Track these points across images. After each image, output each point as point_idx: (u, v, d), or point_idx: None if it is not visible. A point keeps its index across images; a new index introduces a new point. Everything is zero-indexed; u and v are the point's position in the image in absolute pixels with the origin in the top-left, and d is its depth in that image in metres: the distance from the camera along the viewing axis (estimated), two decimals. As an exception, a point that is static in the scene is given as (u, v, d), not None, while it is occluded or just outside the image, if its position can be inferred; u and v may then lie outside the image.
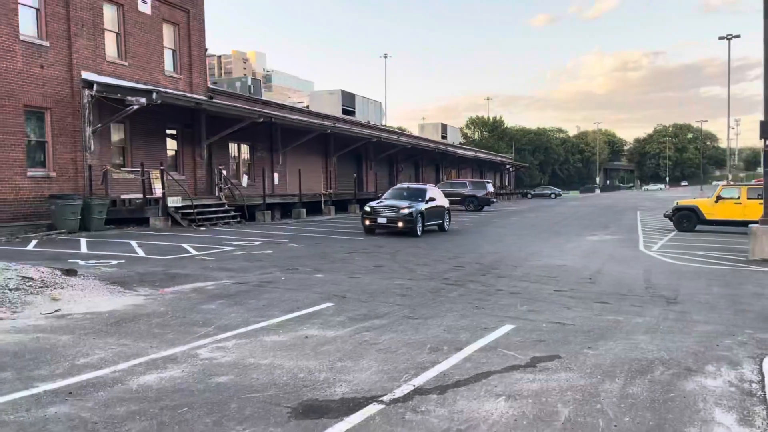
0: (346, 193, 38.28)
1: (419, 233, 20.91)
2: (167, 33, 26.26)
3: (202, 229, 21.98)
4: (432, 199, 22.54)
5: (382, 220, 20.54)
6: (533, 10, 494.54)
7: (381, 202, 21.86)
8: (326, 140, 37.50)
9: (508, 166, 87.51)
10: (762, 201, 16.94)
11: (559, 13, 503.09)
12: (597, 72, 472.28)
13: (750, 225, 16.01)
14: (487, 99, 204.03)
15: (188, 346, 6.74)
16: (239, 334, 7.32)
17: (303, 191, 31.95)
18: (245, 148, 31.20)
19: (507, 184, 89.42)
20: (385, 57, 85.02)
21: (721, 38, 55.20)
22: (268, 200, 28.64)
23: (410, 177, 52.12)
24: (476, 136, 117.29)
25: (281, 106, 37.45)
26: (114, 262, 13.18)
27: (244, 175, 30.53)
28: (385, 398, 5.19)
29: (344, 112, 45.45)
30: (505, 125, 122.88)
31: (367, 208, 21.18)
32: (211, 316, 8.21)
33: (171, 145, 26.19)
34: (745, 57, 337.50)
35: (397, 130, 62.58)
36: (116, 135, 23.39)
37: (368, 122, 48.64)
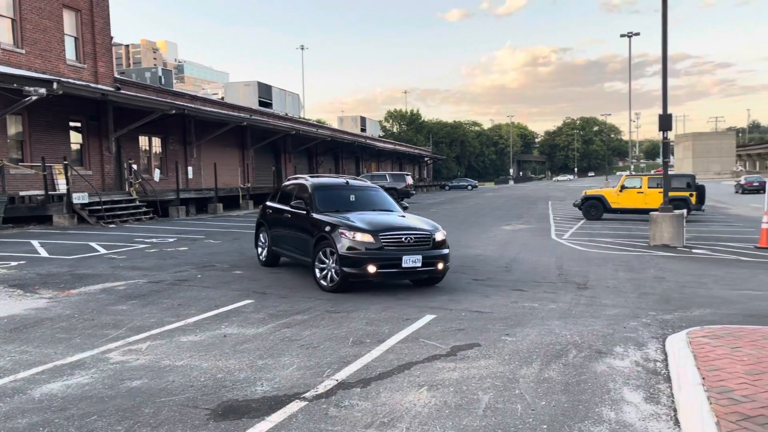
0: (264, 186, 37.61)
1: None
2: (68, 19, 24.77)
3: (112, 226, 20.96)
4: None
5: (412, 264, 9.30)
6: (447, 4, 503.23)
7: (349, 221, 9.68)
8: (243, 133, 36.66)
9: (426, 159, 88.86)
10: (661, 190, 18.01)
11: (472, 8, 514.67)
12: (509, 67, 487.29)
13: (651, 212, 16.99)
14: (405, 92, 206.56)
15: (97, 350, 6.38)
16: (153, 335, 7.01)
17: (219, 185, 31.12)
18: (157, 141, 29.98)
19: (425, 176, 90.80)
20: (302, 49, 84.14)
21: (622, 36, 58.16)
22: (183, 195, 27.70)
23: (330, 170, 51.89)
24: (395, 129, 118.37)
25: (195, 98, 36.25)
26: (13, 263, 12.32)
27: (156, 170, 29.35)
28: (307, 395, 5.11)
29: (261, 104, 44.60)
30: (423, 118, 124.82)
31: (364, 237, 9.25)
32: (123, 318, 7.82)
33: (75, 138, 24.76)
34: (645, 54, 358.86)
35: (315, 123, 62.12)
36: (13, 128, 21.86)
37: (286, 114, 47.96)
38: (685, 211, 19.08)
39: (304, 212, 10.56)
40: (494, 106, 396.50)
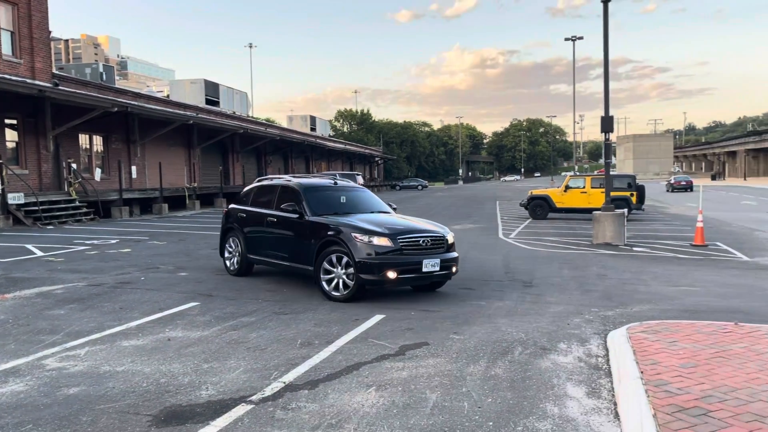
0: (211, 186, 36.94)
1: None
2: (4, 12, 23.71)
3: (50, 227, 20.18)
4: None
5: (431, 268, 8.84)
6: (397, 4, 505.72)
7: (359, 223, 9.06)
8: (189, 131, 35.88)
9: (376, 159, 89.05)
10: (604, 190, 18.56)
11: (421, 9, 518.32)
12: (458, 68, 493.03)
13: (594, 212, 17.48)
14: (355, 92, 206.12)
15: (33, 356, 6.12)
16: (93, 340, 6.77)
17: (164, 185, 30.39)
18: (98, 140, 29.02)
19: (376, 176, 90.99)
20: (251, 47, 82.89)
21: (566, 39, 59.53)
22: (126, 195, 26.93)
23: (279, 170, 51.37)
24: (345, 129, 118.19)
25: (138, 95, 35.28)
26: (-58, 267, 11.71)
27: (98, 169, 28.42)
28: (254, 398, 5.03)
29: (208, 102, 43.79)
30: (373, 118, 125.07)
31: (384, 241, 8.65)
32: (60, 323, 7.53)
33: (11, 136, 23.71)
34: (588, 58, 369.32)
35: (264, 122, 61.37)
36: (-58, 124, 20.78)
37: (234, 113, 47.22)
38: (626, 210, 19.73)
39: (296, 216, 9.66)
40: (444, 107, 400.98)
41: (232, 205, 11.67)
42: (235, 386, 5.31)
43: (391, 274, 8.51)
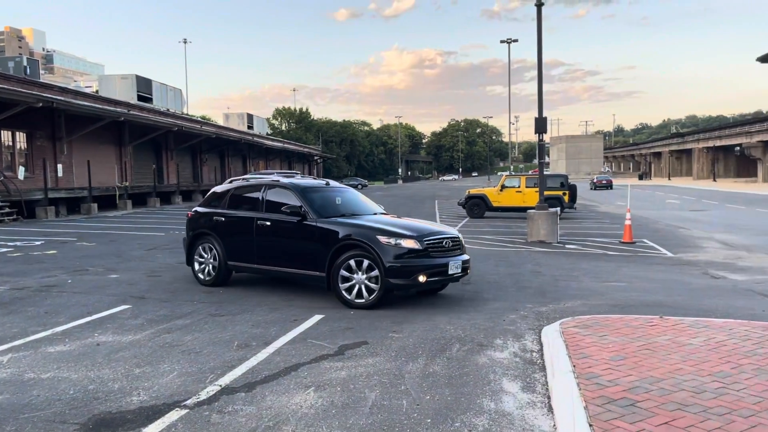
0: (144, 185, 35.81)
1: None
2: None
3: (-31, 228, 19.06)
4: None
5: (455, 270, 8.72)
6: (336, 3, 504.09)
7: (379, 225, 8.81)
8: (120, 128, 34.64)
9: (316, 158, 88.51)
10: (538, 189, 19.08)
11: (360, 9, 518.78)
12: (397, 68, 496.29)
13: (528, 210, 17.93)
14: (294, 90, 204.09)
15: (-52, 366, 5.76)
16: (16, 346, 6.44)
17: (94, 184, 29.24)
18: (22, 137, 27.61)
19: (315, 175, 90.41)
20: (185, 42, 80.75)
21: (502, 41, 60.93)
22: (52, 194, 25.75)
23: (215, 168, 50.31)
24: (284, 127, 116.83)
25: (65, 90, 33.76)
26: None
27: (21, 167, 27.04)
28: (188, 402, 4.90)
29: (140, 98, 42.35)
30: (312, 117, 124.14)
31: (412, 243, 8.38)
32: (-21, 329, 7.11)
33: (-77, 131, 22.28)
34: (523, 60, 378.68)
35: (200, 119, 59.93)
36: None
37: (167, 110, 45.89)
38: (559, 209, 20.35)
39: (296, 219, 9.02)
40: (383, 107, 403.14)
41: (198, 209, 10.67)
42: (168, 391, 5.16)
43: (422, 278, 8.27)
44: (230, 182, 10.67)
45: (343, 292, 8.47)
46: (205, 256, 10.11)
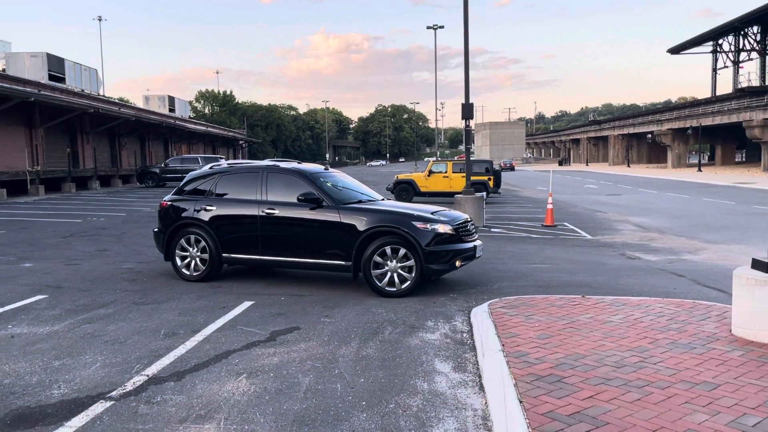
0: (58, 170, 33.97)
1: None
2: None
3: None
4: None
5: (479, 253, 8.96)
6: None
7: (408, 211, 8.72)
8: (30, 110, 32.59)
9: (241, 142, 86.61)
10: (464, 174, 19.44)
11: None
12: (323, 52, 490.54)
13: (455, 195, 18.25)
14: (217, 72, 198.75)
15: None
16: None
17: (1, 168, 27.49)
18: None
19: (241, 159, 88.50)
20: (100, 20, 76.81)
21: (428, 28, 61.30)
22: (-45, 179, 24.01)
23: (135, 152, 48.33)
24: (207, 111, 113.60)
25: (-33, 67, 31.42)
26: None
27: None
28: (114, 393, 4.71)
29: (52, 78, 40.02)
30: (237, 100, 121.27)
31: (448, 228, 8.35)
32: None
33: None
34: (448, 47, 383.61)
35: (118, 101, 57.32)
36: None
37: (82, 91, 43.60)
38: (484, 193, 20.83)
39: (311, 206, 8.55)
40: (309, 91, 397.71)
41: (173, 197, 9.66)
42: (91, 383, 4.94)
43: (458, 263, 8.31)
44: (210, 168, 9.80)
45: (375, 280, 8.24)
46: (190, 249, 9.25)
